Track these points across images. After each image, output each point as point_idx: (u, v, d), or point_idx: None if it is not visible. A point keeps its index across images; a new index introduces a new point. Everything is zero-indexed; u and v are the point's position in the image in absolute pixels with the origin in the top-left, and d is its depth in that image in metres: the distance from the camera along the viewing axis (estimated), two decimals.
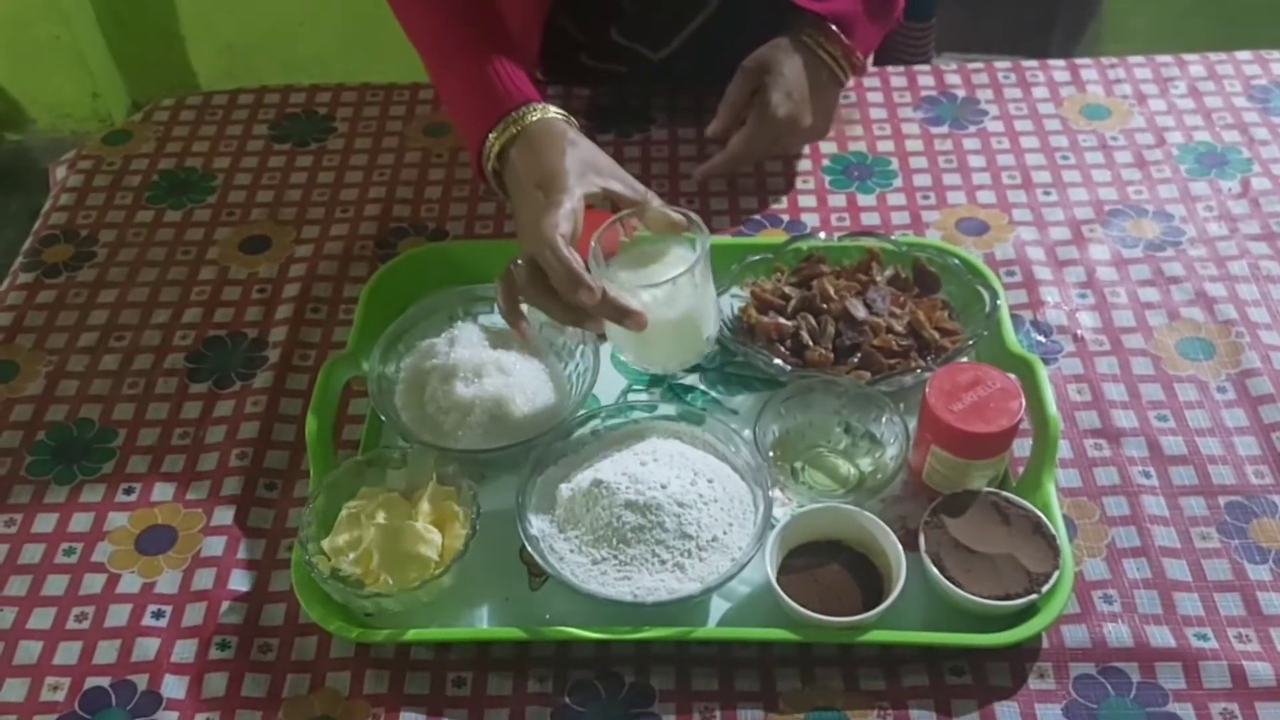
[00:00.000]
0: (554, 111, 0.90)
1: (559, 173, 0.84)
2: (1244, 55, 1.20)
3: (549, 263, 0.78)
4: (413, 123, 1.18)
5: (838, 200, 1.07)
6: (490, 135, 0.90)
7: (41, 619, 0.79)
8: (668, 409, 0.84)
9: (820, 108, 1.03)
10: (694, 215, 0.82)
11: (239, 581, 0.81)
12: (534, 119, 0.89)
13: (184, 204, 1.11)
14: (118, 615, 0.79)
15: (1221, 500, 0.83)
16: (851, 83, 1.07)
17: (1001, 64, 1.21)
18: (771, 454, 0.83)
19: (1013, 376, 0.81)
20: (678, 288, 0.80)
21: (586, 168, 0.85)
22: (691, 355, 0.86)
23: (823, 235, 0.97)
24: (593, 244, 0.81)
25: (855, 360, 0.87)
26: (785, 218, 1.05)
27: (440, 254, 1.00)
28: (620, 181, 0.86)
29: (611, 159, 0.88)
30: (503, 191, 0.92)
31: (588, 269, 0.79)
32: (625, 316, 0.79)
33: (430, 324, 0.91)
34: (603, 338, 0.88)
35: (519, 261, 0.83)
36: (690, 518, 0.77)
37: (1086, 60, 1.21)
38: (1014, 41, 2.13)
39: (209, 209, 1.10)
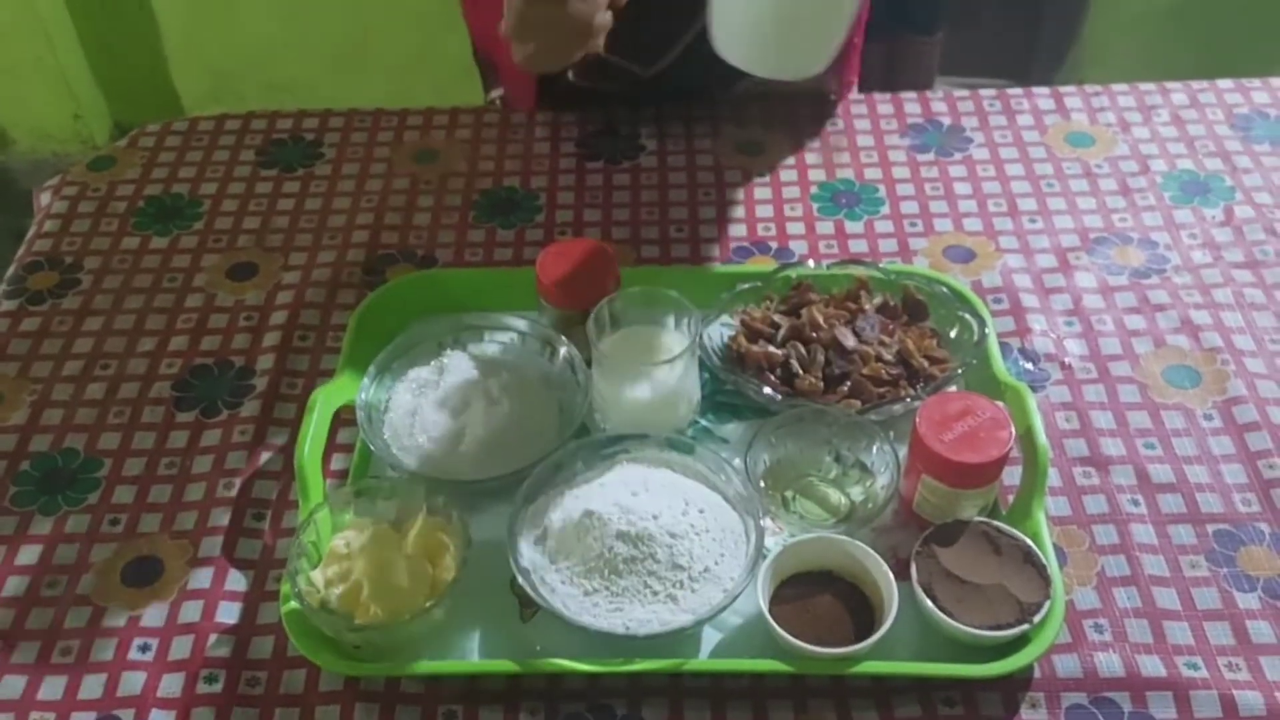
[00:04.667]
0: None
1: None
2: (1225, 84, 1.21)
3: None
4: (401, 149, 1.18)
5: (826, 228, 1.07)
6: None
7: (26, 653, 0.78)
8: (658, 439, 0.84)
9: None
10: (683, 299, 0.85)
11: (227, 614, 0.80)
12: None
13: (170, 230, 1.10)
14: (103, 649, 0.78)
15: (1210, 528, 0.83)
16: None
17: (987, 92, 1.22)
18: (762, 483, 0.83)
19: (1002, 405, 0.81)
20: (671, 368, 0.83)
21: None
22: (675, 427, 0.87)
23: (811, 263, 0.97)
24: (594, 312, 0.84)
25: (845, 389, 0.87)
26: (774, 245, 1.05)
27: (429, 281, 0.99)
28: None
29: None
30: None
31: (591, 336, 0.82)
32: None
33: (419, 352, 0.91)
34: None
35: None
36: (682, 548, 0.76)
37: (1070, 88, 1.22)
38: (995, 64, 2.15)
39: (196, 235, 1.09)
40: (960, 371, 0.88)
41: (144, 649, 0.78)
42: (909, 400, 0.86)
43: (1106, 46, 2.20)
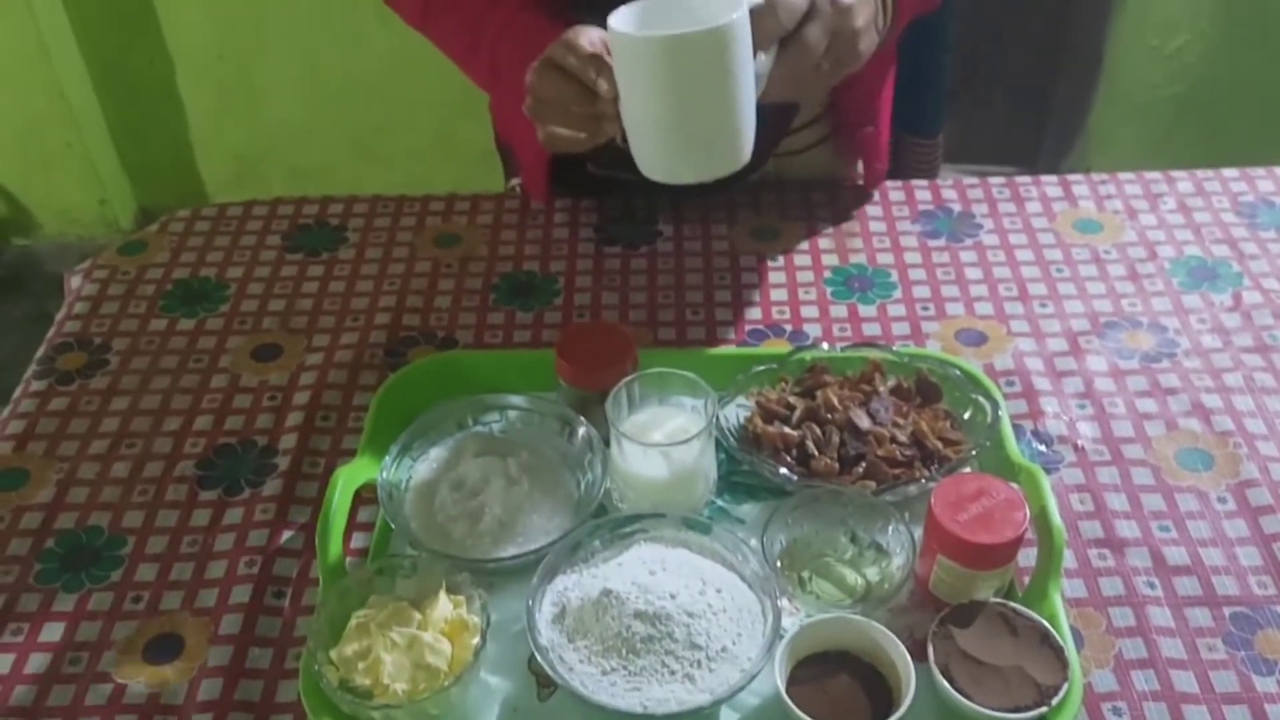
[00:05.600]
0: None
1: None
2: (1230, 172, 1.24)
3: (563, 54, 0.85)
4: (423, 233, 1.20)
5: (839, 311, 1.09)
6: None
7: None
8: (675, 518, 0.85)
9: (866, 15, 0.91)
10: (700, 380, 0.87)
11: (246, 691, 0.80)
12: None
13: (197, 313, 1.13)
14: None
15: (1226, 610, 0.83)
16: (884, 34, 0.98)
17: (995, 179, 1.24)
18: (779, 563, 0.84)
19: (1016, 487, 0.82)
20: (688, 448, 0.84)
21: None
22: (692, 507, 0.88)
23: (825, 346, 0.99)
24: (613, 393, 0.86)
25: (860, 470, 0.88)
26: (788, 328, 1.07)
27: (449, 363, 1.01)
28: None
29: None
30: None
31: (609, 412, 0.84)
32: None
33: (440, 432, 0.93)
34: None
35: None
36: (699, 627, 0.77)
37: (1078, 176, 1.24)
38: (1003, 154, 2.19)
39: (222, 317, 1.12)
40: (974, 453, 0.89)
41: None
42: (924, 481, 0.87)
43: (1113, 136, 2.24)
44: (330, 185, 1.29)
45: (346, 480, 0.88)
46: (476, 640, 0.77)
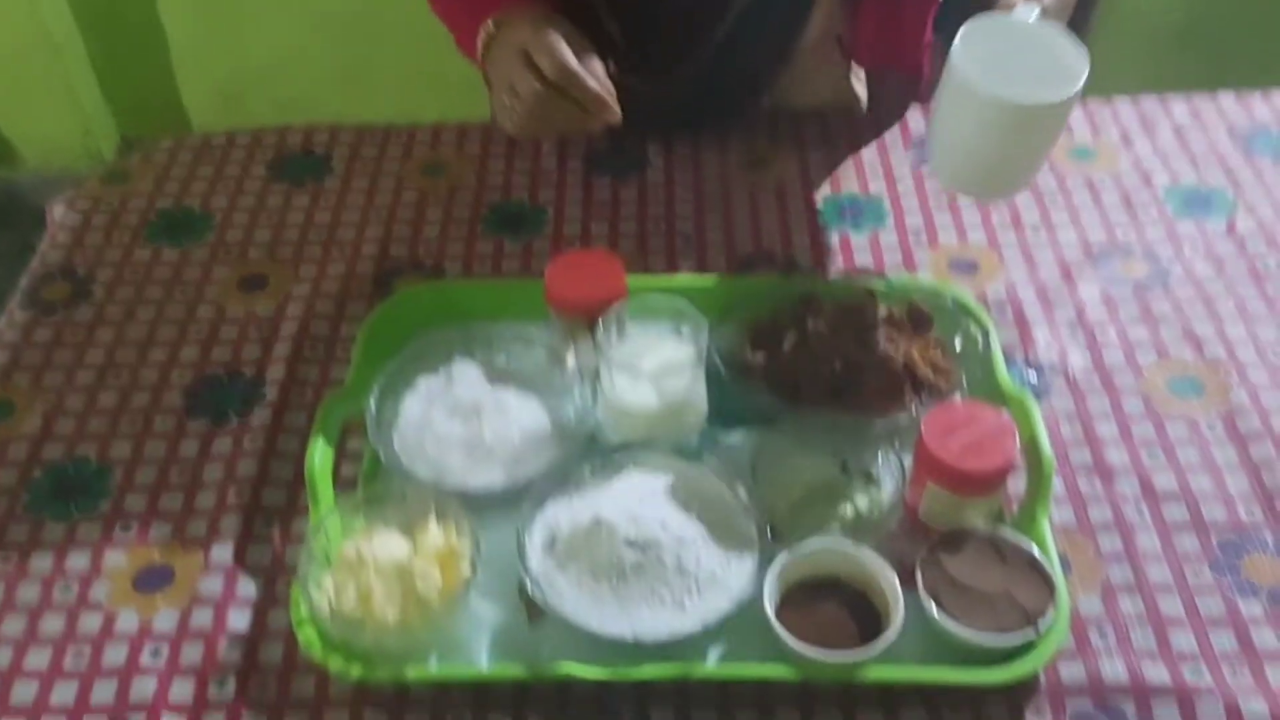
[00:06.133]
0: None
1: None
2: (1227, 99, 1.22)
3: (561, 75, 0.89)
4: (410, 163, 1.19)
5: (831, 240, 1.08)
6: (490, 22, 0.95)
7: (38, 658, 0.79)
8: (666, 447, 0.85)
9: None
10: (690, 308, 0.86)
11: (237, 620, 0.81)
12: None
13: (181, 243, 1.11)
14: (115, 654, 0.79)
15: (1214, 537, 0.84)
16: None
17: None
18: (769, 492, 0.84)
19: (1006, 414, 0.82)
20: (678, 378, 0.84)
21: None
22: (682, 436, 0.88)
23: (817, 275, 0.98)
24: (602, 322, 0.85)
25: (851, 399, 0.88)
26: (780, 257, 1.06)
27: (438, 292, 1.00)
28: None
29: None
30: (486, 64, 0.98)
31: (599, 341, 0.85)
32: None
33: (428, 362, 0.92)
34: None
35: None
36: (689, 555, 0.77)
37: None
38: None
39: (206, 248, 1.10)
40: (965, 382, 0.89)
41: (155, 654, 0.79)
42: (914, 410, 0.87)
43: (1111, 64, 2.21)
44: (316, 116, 1.26)
45: (335, 410, 0.88)
46: (466, 568, 0.78)
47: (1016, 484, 0.84)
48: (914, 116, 1.22)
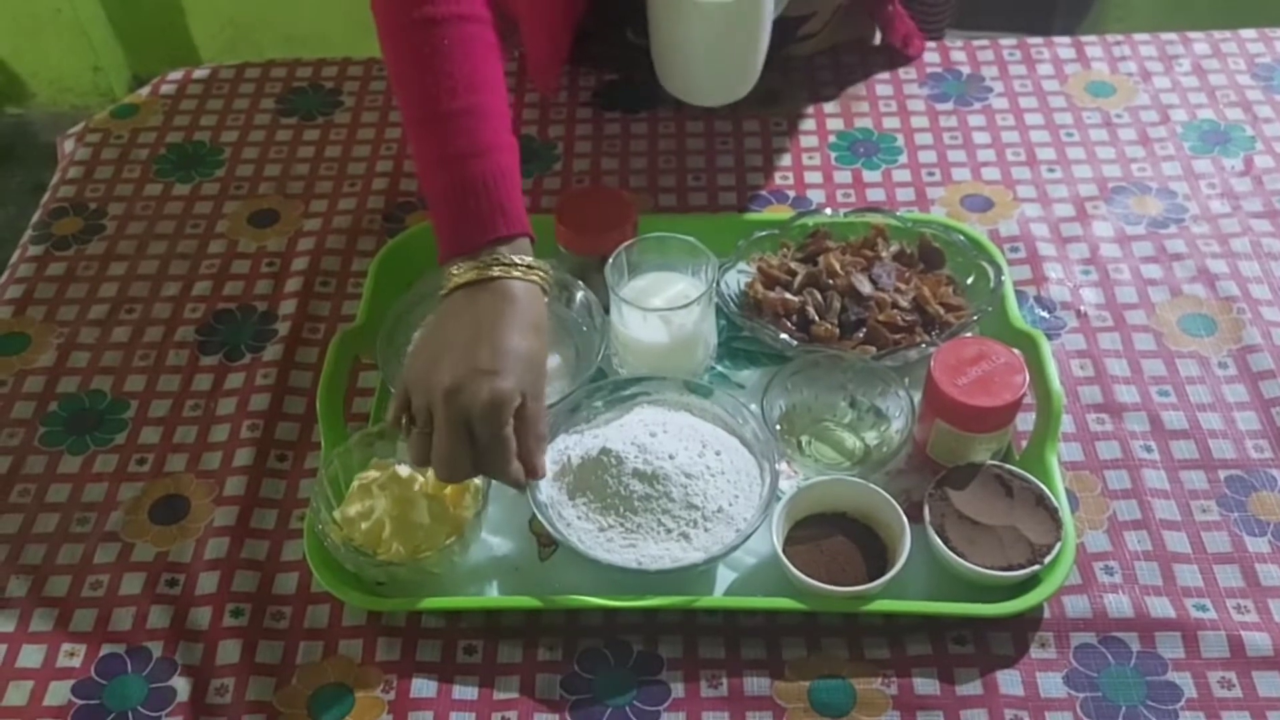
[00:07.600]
0: (536, 274, 0.79)
1: (539, 357, 0.77)
2: (1248, 33, 1.20)
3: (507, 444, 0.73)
4: None
5: (843, 176, 1.07)
6: (461, 264, 0.79)
7: (57, 586, 0.81)
8: (676, 382, 0.85)
9: None
10: (700, 245, 0.86)
11: (252, 551, 0.82)
12: (516, 278, 0.78)
13: (192, 177, 1.11)
14: (132, 584, 0.80)
15: (1221, 474, 0.84)
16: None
17: (1007, 41, 1.21)
18: (778, 427, 0.84)
19: (1016, 351, 0.82)
20: (688, 313, 0.84)
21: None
22: (692, 372, 0.88)
23: (829, 211, 0.97)
24: (613, 258, 0.85)
25: (861, 335, 0.88)
26: (791, 194, 1.06)
27: None
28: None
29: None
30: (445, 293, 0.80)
31: (609, 280, 0.84)
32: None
33: (439, 297, 0.92)
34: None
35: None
36: (697, 489, 0.78)
37: (1091, 38, 1.21)
38: (1017, 19, 2.13)
39: (217, 182, 1.10)
40: (975, 319, 0.89)
41: (172, 584, 0.80)
42: (924, 346, 0.87)
43: (1130, 2, 2.18)
44: (325, 53, 1.25)
45: (346, 345, 0.89)
46: (478, 501, 0.78)
47: (1026, 421, 0.84)
48: (929, 49, 1.20)
